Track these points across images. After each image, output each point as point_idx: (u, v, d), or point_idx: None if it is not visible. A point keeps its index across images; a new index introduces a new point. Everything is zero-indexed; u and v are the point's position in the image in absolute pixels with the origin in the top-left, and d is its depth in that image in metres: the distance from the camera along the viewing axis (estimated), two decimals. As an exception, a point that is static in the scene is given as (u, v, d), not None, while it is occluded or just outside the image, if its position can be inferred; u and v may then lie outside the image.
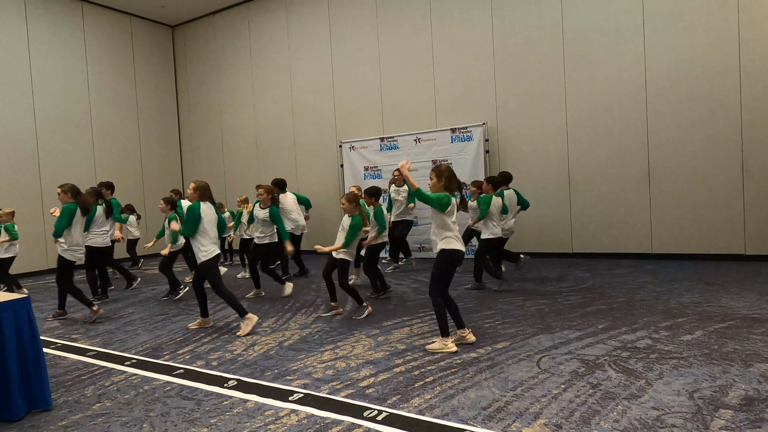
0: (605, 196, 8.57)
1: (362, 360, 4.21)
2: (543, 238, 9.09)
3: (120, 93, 12.30)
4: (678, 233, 8.09)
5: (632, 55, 8.21)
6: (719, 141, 7.71)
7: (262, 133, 12.27)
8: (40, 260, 10.51)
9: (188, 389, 3.80)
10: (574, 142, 8.75)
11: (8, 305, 3.39)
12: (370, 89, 10.64)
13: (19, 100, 10.39)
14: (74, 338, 5.46)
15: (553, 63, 8.80)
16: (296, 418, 3.20)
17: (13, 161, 10.20)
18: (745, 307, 5.17)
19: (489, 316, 5.40)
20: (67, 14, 11.28)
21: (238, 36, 12.50)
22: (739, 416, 2.90)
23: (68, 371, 4.37)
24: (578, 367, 3.78)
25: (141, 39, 12.84)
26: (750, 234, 7.62)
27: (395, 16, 10.24)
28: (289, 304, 6.52)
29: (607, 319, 5.04)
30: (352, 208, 5.49)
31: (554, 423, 2.94)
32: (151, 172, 12.89)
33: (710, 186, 7.81)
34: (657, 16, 8.00)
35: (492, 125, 9.37)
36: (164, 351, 4.81)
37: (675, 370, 3.61)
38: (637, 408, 3.06)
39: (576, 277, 7.28)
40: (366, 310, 5.63)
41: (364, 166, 10.43)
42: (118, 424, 3.27)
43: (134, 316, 6.37)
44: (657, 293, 6.00)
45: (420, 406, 3.27)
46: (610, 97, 8.41)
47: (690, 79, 7.84)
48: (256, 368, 4.16)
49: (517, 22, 9.05)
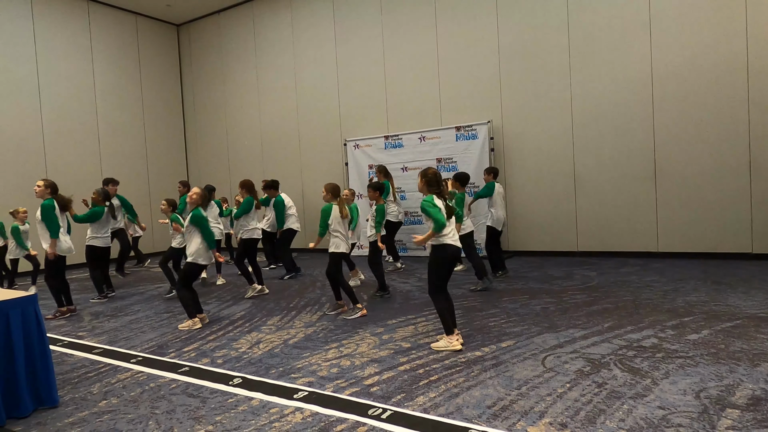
0: (611, 195, 8.52)
1: (367, 358, 4.21)
2: (548, 236, 9.06)
3: (125, 92, 12.35)
4: (685, 232, 8.04)
5: (638, 53, 8.15)
6: (726, 139, 7.65)
7: (267, 131, 12.28)
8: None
9: (193, 387, 3.81)
10: (579, 141, 8.71)
11: (16, 303, 3.41)
12: (374, 87, 10.63)
13: (25, 99, 10.45)
14: (81, 336, 5.49)
15: (558, 61, 8.76)
16: (301, 416, 3.21)
17: (19, 160, 10.26)
18: (752, 306, 5.13)
19: (494, 314, 5.39)
20: (73, 14, 11.33)
21: (243, 35, 12.52)
22: (746, 416, 2.88)
23: (75, 368, 4.40)
24: (584, 366, 3.77)
25: (146, 38, 12.88)
26: (757, 233, 7.56)
27: (400, 15, 10.22)
28: (294, 302, 6.53)
29: (612, 318, 5.01)
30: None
31: (559, 422, 2.93)
32: (156, 171, 12.94)
33: (717, 184, 7.75)
34: (663, 13, 7.95)
35: (497, 123, 9.34)
36: (170, 348, 4.83)
37: (681, 370, 3.59)
38: (642, 407, 3.05)
39: (581, 275, 7.25)
40: (359, 312, 5.59)
41: (368, 164, 10.42)
42: (124, 421, 3.29)
43: (140, 313, 6.40)
44: (663, 292, 5.97)
45: (425, 404, 3.27)
46: (616, 95, 8.36)
47: (697, 77, 7.78)
48: (261, 366, 4.17)
49: (523, 20, 9.02)
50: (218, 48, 12.98)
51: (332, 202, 5.72)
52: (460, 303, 5.93)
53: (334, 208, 5.68)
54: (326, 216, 5.65)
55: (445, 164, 9.53)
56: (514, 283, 6.96)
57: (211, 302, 6.82)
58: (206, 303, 6.78)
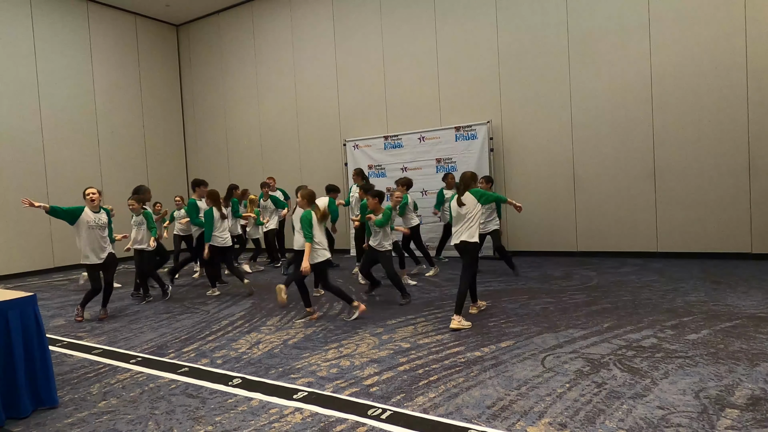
0: (610, 195, 8.53)
1: (366, 358, 4.21)
2: (548, 236, 9.06)
3: (125, 92, 12.35)
4: (684, 232, 8.04)
5: (637, 53, 8.16)
6: (725, 139, 7.65)
7: (267, 131, 12.28)
8: (46, 259, 10.57)
9: (193, 387, 3.81)
10: (579, 141, 8.72)
11: (15, 303, 3.41)
12: (374, 87, 10.63)
13: (24, 99, 10.44)
14: (80, 336, 5.49)
15: (557, 61, 8.76)
16: (300, 416, 3.21)
17: (19, 160, 10.25)
18: (751, 306, 5.14)
19: (493, 314, 5.39)
20: (73, 14, 11.32)
21: (242, 35, 12.52)
22: (745, 416, 2.88)
23: (74, 369, 4.39)
24: (583, 366, 3.77)
25: (146, 38, 12.88)
26: (756, 232, 7.57)
27: (400, 15, 10.22)
28: (294, 302, 6.53)
29: (612, 317, 5.02)
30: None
31: (559, 422, 2.93)
32: (155, 171, 12.94)
33: (716, 184, 7.76)
34: (663, 14, 7.95)
35: (497, 123, 9.34)
36: (169, 349, 4.83)
37: (681, 370, 3.59)
38: (642, 407, 3.05)
39: (581, 275, 7.25)
40: (357, 310, 5.53)
41: (368, 164, 10.42)
42: (123, 421, 3.29)
43: (139, 314, 6.40)
44: (663, 292, 5.97)
45: (424, 404, 3.27)
46: (615, 95, 8.37)
47: (696, 77, 7.79)
48: (261, 366, 4.17)
49: (522, 20, 9.02)
50: (218, 48, 12.98)
51: (308, 209, 5.52)
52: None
53: (313, 215, 5.49)
54: (309, 222, 5.40)
55: (445, 164, 9.53)
56: (513, 283, 6.96)
57: (210, 303, 6.82)
58: (206, 303, 6.78)
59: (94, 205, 5.95)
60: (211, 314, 6.14)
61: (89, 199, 5.91)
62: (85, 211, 5.89)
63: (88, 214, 5.89)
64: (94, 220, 5.89)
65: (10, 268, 9.97)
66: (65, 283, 9.15)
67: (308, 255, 5.35)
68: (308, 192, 5.67)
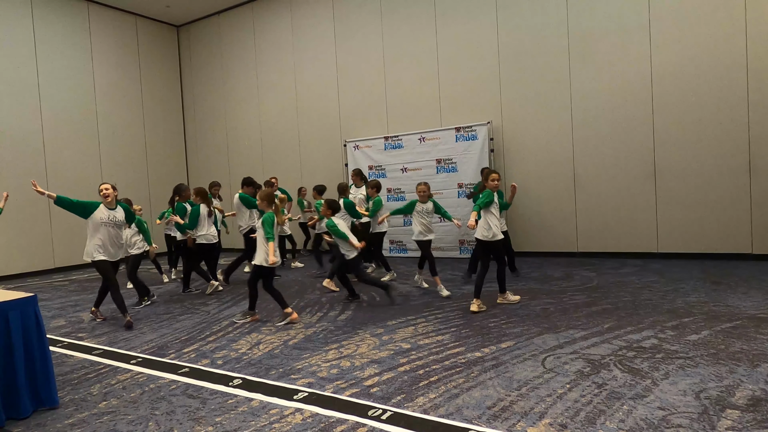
0: (610, 195, 8.53)
1: (367, 359, 4.21)
2: (548, 237, 9.06)
3: (125, 93, 12.35)
4: (684, 232, 8.04)
5: (638, 53, 8.16)
6: (725, 139, 7.65)
7: (267, 132, 12.29)
8: (47, 259, 10.58)
9: (193, 388, 3.81)
10: (579, 141, 8.72)
11: (15, 304, 3.41)
12: (374, 88, 10.63)
13: (25, 100, 10.45)
14: (80, 337, 5.49)
15: (558, 62, 8.77)
16: (301, 416, 3.21)
17: (19, 161, 10.26)
18: (752, 307, 5.14)
19: (494, 315, 5.39)
20: (73, 14, 11.33)
21: (242, 36, 12.52)
22: (746, 417, 2.88)
23: (74, 369, 4.39)
24: (583, 366, 3.77)
25: (146, 39, 12.89)
26: (757, 233, 7.57)
27: (400, 15, 10.23)
28: (294, 303, 6.53)
29: (612, 318, 5.01)
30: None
31: (559, 423, 2.93)
32: (156, 171, 12.94)
33: (716, 185, 7.76)
34: (663, 14, 7.95)
35: (497, 124, 9.34)
36: (169, 350, 4.83)
37: (681, 370, 3.59)
38: (642, 408, 3.05)
39: (581, 276, 7.25)
40: (288, 317, 5.57)
41: (368, 165, 10.42)
42: (124, 422, 3.29)
43: (140, 315, 6.40)
44: (663, 293, 5.97)
45: (424, 405, 3.27)
46: (616, 95, 8.37)
47: (696, 77, 7.79)
48: (261, 367, 4.17)
49: (522, 21, 9.02)
50: (218, 49, 12.98)
51: (269, 210, 5.57)
52: (459, 304, 5.94)
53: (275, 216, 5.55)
54: (272, 223, 5.46)
55: (445, 165, 9.53)
56: (513, 283, 6.96)
57: (210, 303, 6.82)
58: (206, 304, 6.79)
59: (108, 201, 5.75)
60: (212, 315, 6.14)
61: (102, 195, 5.72)
62: (99, 207, 5.69)
63: (102, 210, 5.68)
64: (107, 217, 5.68)
65: (10, 268, 9.97)
66: (65, 284, 9.15)
67: (273, 251, 5.41)
68: (266, 193, 5.76)
